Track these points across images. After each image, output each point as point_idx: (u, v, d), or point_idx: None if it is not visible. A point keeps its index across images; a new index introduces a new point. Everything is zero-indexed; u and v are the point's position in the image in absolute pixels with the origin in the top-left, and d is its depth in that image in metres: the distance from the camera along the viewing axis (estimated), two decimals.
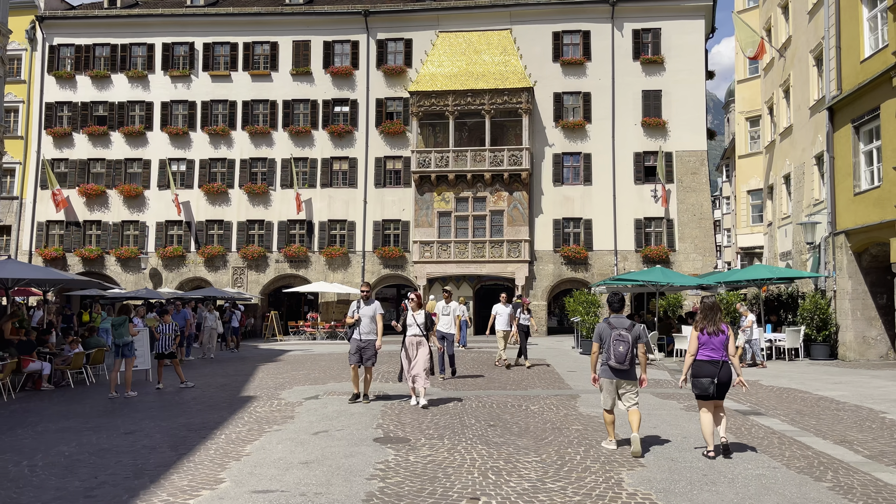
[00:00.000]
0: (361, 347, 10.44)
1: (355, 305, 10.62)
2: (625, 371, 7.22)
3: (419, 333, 10.47)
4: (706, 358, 7.14)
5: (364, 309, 10.49)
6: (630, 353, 7.14)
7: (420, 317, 10.61)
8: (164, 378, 13.60)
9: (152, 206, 34.57)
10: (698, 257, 31.92)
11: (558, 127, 32.95)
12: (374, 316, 10.52)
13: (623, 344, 7.12)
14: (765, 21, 26.97)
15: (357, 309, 10.54)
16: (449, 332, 14.36)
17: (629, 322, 7.32)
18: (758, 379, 14.46)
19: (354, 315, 10.49)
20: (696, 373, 7.19)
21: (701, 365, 7.17)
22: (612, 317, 7.39)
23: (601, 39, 33.19)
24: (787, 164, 24.37)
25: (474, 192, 32.42)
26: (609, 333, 7.22)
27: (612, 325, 7.25)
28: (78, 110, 35.24)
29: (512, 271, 31.97)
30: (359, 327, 10.41)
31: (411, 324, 10.53)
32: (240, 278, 34.02)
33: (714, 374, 7.08)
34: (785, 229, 24.72)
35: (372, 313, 10.51)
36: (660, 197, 32.11)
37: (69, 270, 34.27)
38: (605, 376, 7.29)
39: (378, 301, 10.90)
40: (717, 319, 7.23)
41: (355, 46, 34.51)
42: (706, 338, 7.17)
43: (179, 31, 35.29)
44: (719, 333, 7.18)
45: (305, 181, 34.05)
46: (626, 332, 7.18)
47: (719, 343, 7.16)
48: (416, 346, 10.43)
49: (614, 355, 7.13)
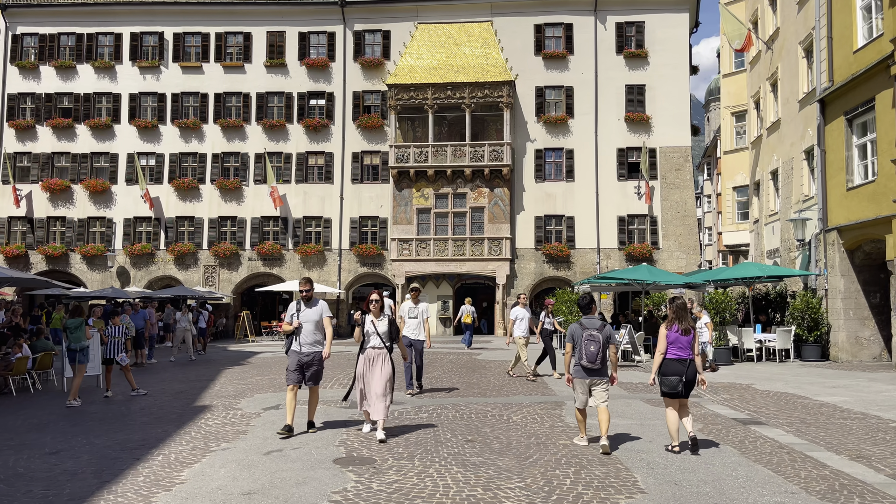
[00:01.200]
0: (303, 363, 8.24)
1: (293, 308, 8.37)
2: (596, 370, 7.43)
3: (381, 345, 8.15)
4: (674, 356, 7.37)
5: (306, 313, 8.31)
6: (601, 352, 7.35)
7: (382, 324, 8.24)
8: (115, 385, 12.52)
9: (120, 202, 33.21)
10: (682, 255, 31.26)
11: (540, 122, 32.11)
12: (320, 321, 8.38)
13: (594, 344, 7.33)
14: (751, 13, 26.32)
15: (296, 313, 8.33)
16: (417, 338, 12.07)
17: (600, 322, 7.52)
18: (751, 383, 13.69)
19: (292, 321, 8.29)
20: (665, 371, 7.41)
21: (669, 363, 7.38)
22: (584, 318, 7.60)
23: (584, 32, 32.40)
24: (774, 160, 23.72)
25: (454, 189, 31.49)
26: (581, 334, 7.42)
27: (583, 326, 7.47)
28: (42, 102, 33.78)
29: (493, 270, 31.09)
30: (299, 337, 8.27)
31: (371, 332, 8.21)
32: (211, 277, 32.81)
33: (682, 372, 7.30)
34: (772, 226, 24.07)
35: (316, 318, 8.34)
36: (643, 194, 31.42)
37: (31, 269, 32.89)
38: (578, 376, 7.48)
39: (324, 302, 8.71)
40: (688, 319, 7.47)
41: (332, 38, 33.42)
42: (675, 336, 7.37)
43: (148, 19, 33.95)
44: (690, 332, 7.41)
45: (280, 176, 32.89)
46: (598, 333, 7.39)
47: (686, 342, 7.38)
48: (376, 361, 8.10)
49: (586, 355, 7.34)
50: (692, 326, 7.46)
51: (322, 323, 8.41)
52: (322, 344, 8.42)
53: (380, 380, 8.00)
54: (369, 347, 8.20)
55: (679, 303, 7.56)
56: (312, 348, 8.35)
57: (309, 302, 8.38)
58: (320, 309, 8.45)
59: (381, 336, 8.20)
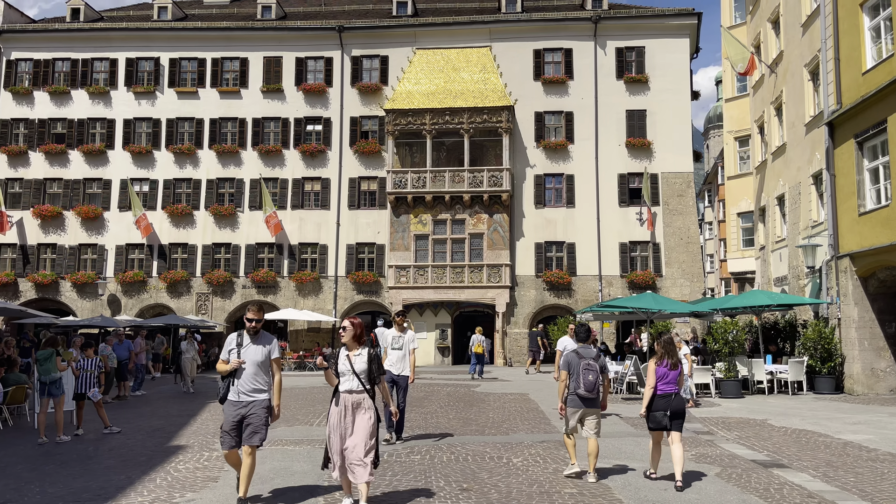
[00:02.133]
0: (243, 416, 6.22)
1: (233, 342, 6.42)
2: (592, 399, 7.44)
3: (359, 388, 6.20)
4: (660, 392, 7.47)
5: (250, 349, 6.36)
6: (598, 382, 7.39)
7: (360, 360, 6.25)
8: (88, 421, 11.73)
9: (112, 229, 32.58)
10: (686, 283, 30.56)
11: (540, 147, 31.63)
12: (267, 361, 6.44)
13: (592, 373, 7.36)
14: (754, 37, 25.94)
15: (237, 349, 6.36)
16: (401, 373, 10.00)
17: (595, 352, 7.59)
18: (766, 418, 12.90)
19: (230, 358, 6.35)
20: (652, 407, 7.51)
21: (655, 400, 7.48)
22: (580, 347, 7.63)
23: (583, 58, 32.07)
24: (780, 185, 23.13)
25: (452, 215, 30.88)
26: (578, 363, 7.43)
27: (580, 355, 7.48)
28: (35, 128, 33.32)
29: (492, 297, 30.35)
30: (236, 381, 6.29)
31: (346, 372, 6.24)
32: (204, 305, 32.05)
33: (667, 407, 7.40)
34: (779, 253, 23.40)
35: (262, 357, 6.39)
36: (645, 220, 30.81)
37: (20, 297, 32.18)
38: (573, 405, 7.48)
39: (276, 338, 6.74)
40: (676, 354, 7.64)
41: (329, 63, 33.09)
42: (664, 370, 7.48)
43: (144, 45, 33.65)
44: (678, 367, 7.53)
45: (276, 202, 32.30)
46: (594, 362, 7.43)
47: (674, 377, 7.49)
48: (351, 410, 6.17)
49: (584, 384, 7.34)
50: (679, 361, 7.62)
51: (269, 364, 6.46)
52: (266, 391, 6.38)
53: (360, 435, 6.06)
54: (344, 392, 6.19)
55: (666, 338, 7.73)
56: (253, 396, 6.29)
57: (256, 336, 6.46)
58: (269, 347, 6.46)
59: (359, 376, 6.19)
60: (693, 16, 31.61)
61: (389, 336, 10.22)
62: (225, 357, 6.38)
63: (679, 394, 7.50)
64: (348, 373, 6.24)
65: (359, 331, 6.38)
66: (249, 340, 6.44)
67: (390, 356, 10.05)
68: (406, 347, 10.12)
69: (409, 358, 10.12)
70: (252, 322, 6.43)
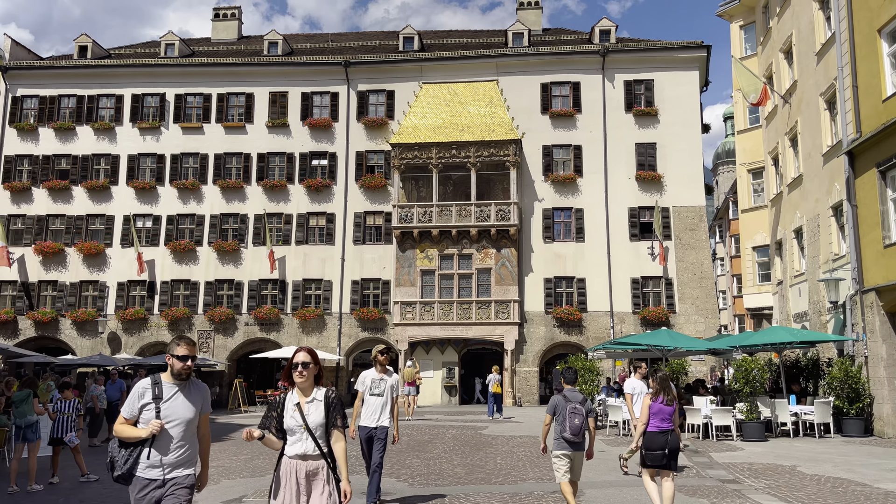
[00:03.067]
0: (159, 500, 4.47)
1: (148, 395, 4.51)
2: (577, 443, 7.35)
3: (314, 452, 4.51)
4: (657, 429, 7.48)
5: (177, 404, 4.54)
6: (584, 425, 7.29)
7: (317, 409, 4.54)
8: (64, 468, 10.96)
9: (114, 265, 32.08)
10: (700, 319, 29.63)
11: (548, 181, 31.08)
12: (196, 420, 4.63)
13: (578, 417, 7.27)
14: (765, 68, 25.49)
15: (152, 403, 4.49)
16: (380, 424, 8.01)
17: (581, 396, 7.48)
18: (795, 464, 11.97)
19: (143, 417, 4.50)
20: (649, 445, 7.51)
21: (653, 437, 7.48)
22: (567, 390, 7.52)
23: (592, 91, 31.71)
24: (797, 217, 22.38)
25: (459, 249, 30.22)
26: (564, 406, 7.35)
27: (567, 398, 7.40)
28: (39, 164, 33.11)
29: (500, 334, 29.48)
30: (152, 450, 4.45)
31: (295, 429, 4.52)
32: (206, 343, 31.32)
33: (665, 444, 7.43)
34: (798, 288, 22.53)
35: (192, 415, 4.59)
36: (657, 255, 30.04)
37: (20, 335, 31.62)
38: (560, 448, 7.39)
39: (206, 386, 4.82)
40: (672, 390, 7.64)
41: (335, 98, 32.88)
42: (659, 407, 7.51)
43: (150, 81, 33.58)
44: (673, 403, 7.57)
45: (280, 238, 31.79)
46: (580, 406, 7.35)
47: (669, 413, 7.53)
48: (305, 483, 4.50)
49: (569, 427, 7.25)
50: (675, 397, 7.65)
51: (197, 423, 4.63)
52: (193, 464, 4.61)
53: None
54: (292, 457, 4.47)
55: (661, 374, 7.74)
56: (176, 472, 4.47)
57: (185, 383, 4.58)
58: (202, 399, 4.65)
59: (314, 434, 4.43)
60: (702, 48, 31.28)
61: (368, 378, 8.17)
62: (131, 413, 4.41)
63: (675, 431, 7.52)
64: (299, 430, 4.37)
65: (318, 368, 4.63)
66: (176, 390, 4.52)
67: (368, 404, 8.05)
68: (388, 394, 8.13)
69: (393, 407, 8.16)
70: (184, 362, 4.52)
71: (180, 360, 4.55)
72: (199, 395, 4.65)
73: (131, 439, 4.42)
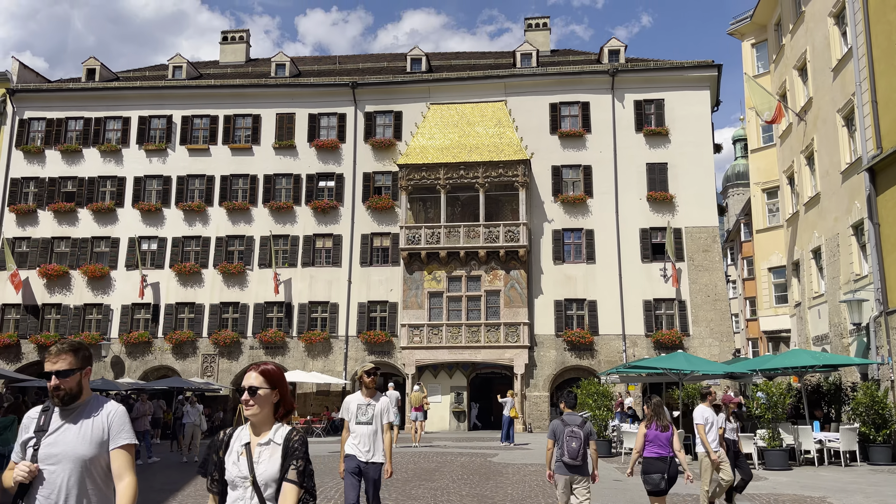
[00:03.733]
0: None
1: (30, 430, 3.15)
2: (578, 467, 7.33)
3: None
4: (655, 455, 7.53)
5: (60, 437, 3.11)
6: (582, 448, 7.28)
7: (270, 460, 3.02)
8: None
9: (118, 288, 31.72)
10: (715, 342, 28.91)
11: (558, 201, 30.62)
12: (101, 455, 3.14)
13: (576, 440, 7.27)
14: (779, 86, 25.08)
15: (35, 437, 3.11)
16: (371, 460, 6.72)
17: (580, 419, 7.48)
18: (824, 496, 11.29)
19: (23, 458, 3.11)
20: (647, 469, 7.57)
21: (652, 462, 7.53)
22: (566, 414, 7.52)
23: (601, 111, 31.36)
24: (815, 237, 21.79)
25: (468, 271, 29.71)
26: (563, 430, 7.37)
27: (565, 423, 7.41)
28: (45, 186, 32.94)
29: (510, 358, 28.83)
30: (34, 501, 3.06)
31: (238, 482, 3.02)
32: (210, 367, 30.81)
33: (664, 469, 7.46)
34: (818, 310, 21.86)
35: (89, 449, 3.11)
36: (670, 276, 29.43)
37: (22, 359, 31.24)
38: (560, 472, 7.39)
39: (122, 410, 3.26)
40: (665, 416, 7.63)
41: (342, 119, 32.65)
42: (654, 434, 7.54)
43: (157, 103, 33.49)
44: (668, 429, 7.59)
45: (286, 260, 31.40)
46: (579, 429, 7.33)
47: (666, 439, 7.55)
48: None
49: (567, 451, 7.26)
50: (670, 423, 7.62)
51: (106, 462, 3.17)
52: None
53: None
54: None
55: (656, 401, 7.79)
56: None
57: (70, 409, 3.17)
58: (107, 425, 3.18)
59: (260, 491, 2.99)
60: (713, 68, 30.92)
61: (353, 404, 6.88)
62: (17, 456, 3.15)
63: (674, 457, 7.55)
64: (242, 484, 3.01)
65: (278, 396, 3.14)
66: (61, 420, 3.15)
67: (355, 434, 6.75)
68: (378, 421, 6.79)
69: (384, 436, 6.83)
70: (55, 381, 3.11)
71: (48, 377, 3.12)
72: (100, 424, 3.15)
73: (10, 488, 3.09)
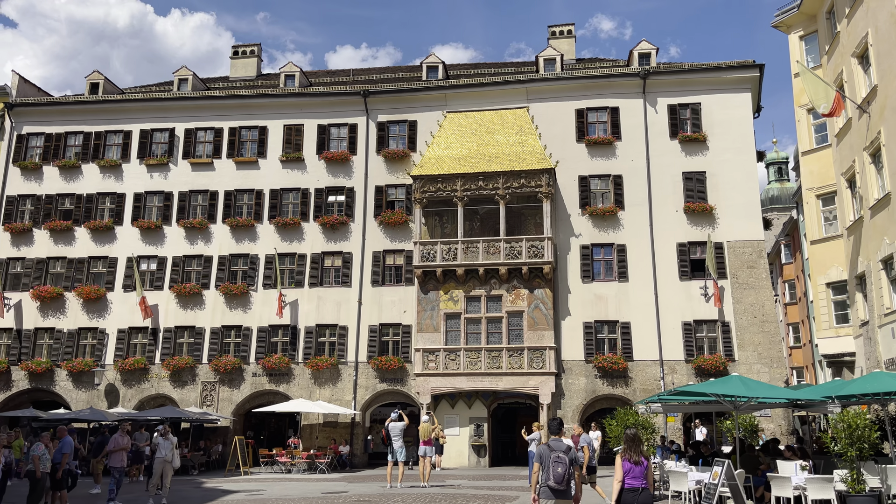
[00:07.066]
0: None
1: None
2: (562, 491, 7.58)
3: None
4: (628, 486, 7.71)
5: None
6: (567, 473, 7.57)
7: None
8: None
9: (115, 311, 29.67)
10: (764, 368, 25.89)
11: (585, 214, 28.05)
12: None
13: (561, 465, 7.56)
14: (834, 78, 22.43)
15: None
16: None
17: (566, 445, 7.77)
18: None
19: None
20: (620, 500, 7.72)
21: (624, 493, 7.71)
22: (552, 440, 7.87)
23: (632, 116, 28.89)
24: (886, 244, 18.93)
25: (488, 290, 27.15)
26: (549, 455, 7.67)
27: (551, 448, 7.72)
28: (41, 204, 31.20)
29: (535, 386, 26.06)
30: None
31: None
32: (209, 395, 28.46)
33: (634, 500, 7.62)
34: (891, 328, 18.89)
35: None
36: (711, 295, 26.59)
37: (13, 387, 29.26)
38: (545, 497, 7.62)
39: None
40: (639, 450, 7.85)
41: (353, 130, 30.59)
42: (629, 466, 7.74)
43: (159, 116, 31.76)
44: (641, 463, 7.77)
45: (292, 280, 29.15)
46: (564, 455, 7.65)
47: (640, 472, 7.74)
48: None
49: (553, 476, 7.53)
50: (645, 457, 7.80)
51: None
52: None
53: None
54: None
55: (630, 433, 7.95)
56: None
57: None
58: None
59: None
60: (754, 68, 28.35)
61: None
62: None
63: (646, 488, 7.68)
64: None
65: None
66: None
67: None
68: None
69: None
70: None
71: None
72: None
73: None
